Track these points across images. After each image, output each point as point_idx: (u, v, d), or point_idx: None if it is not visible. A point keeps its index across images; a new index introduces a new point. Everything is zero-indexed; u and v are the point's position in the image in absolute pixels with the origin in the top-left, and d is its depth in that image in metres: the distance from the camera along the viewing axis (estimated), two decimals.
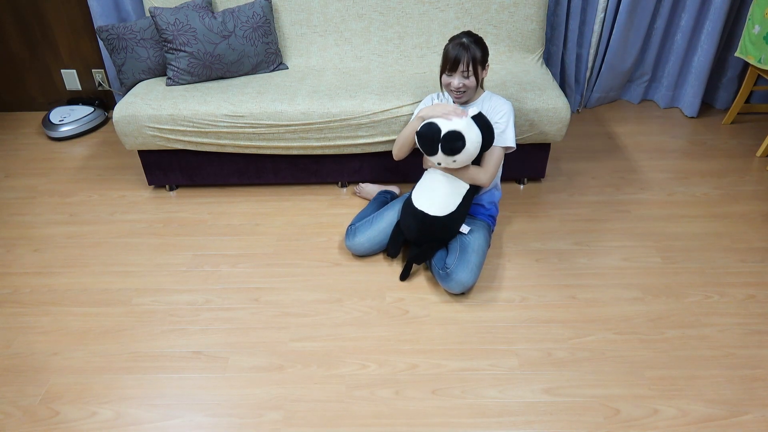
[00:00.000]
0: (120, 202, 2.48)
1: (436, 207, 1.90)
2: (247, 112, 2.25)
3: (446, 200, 1.90)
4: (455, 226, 1.94)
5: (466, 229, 1.98)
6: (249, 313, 1.90)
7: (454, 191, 1.91)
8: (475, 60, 1.86)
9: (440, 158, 1.83)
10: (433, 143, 1.81)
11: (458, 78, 1.89)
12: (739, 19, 2.89)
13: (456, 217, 1.92)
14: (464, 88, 1.91)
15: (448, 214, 1.90)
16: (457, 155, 1.80)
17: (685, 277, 2.02)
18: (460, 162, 1.84)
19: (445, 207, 1.90)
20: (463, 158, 1.82)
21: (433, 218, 1.90)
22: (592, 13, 2.89)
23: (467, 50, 1.85)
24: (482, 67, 1.91)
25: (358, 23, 2.59)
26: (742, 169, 2.63)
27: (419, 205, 1.92)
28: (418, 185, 1.99)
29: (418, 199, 1.94)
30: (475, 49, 1.86)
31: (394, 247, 2.04)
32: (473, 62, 1.86)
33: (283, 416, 1.56)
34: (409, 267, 1.99)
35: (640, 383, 1.63)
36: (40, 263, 2.14)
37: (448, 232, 1.95)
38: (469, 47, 1.85)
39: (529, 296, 1.94)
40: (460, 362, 1.71)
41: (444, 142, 1.78)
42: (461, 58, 1.85)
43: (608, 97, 3.24)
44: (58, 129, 2.98)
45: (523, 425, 1.53)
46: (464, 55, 1.85)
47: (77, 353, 1.76)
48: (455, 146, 1.78)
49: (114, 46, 2.43)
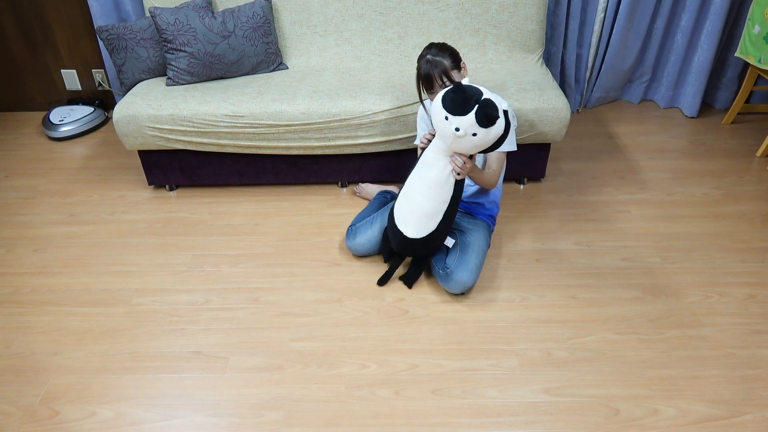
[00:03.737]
0: (120, 202, 2.48)
1: (412, 229, 1.84)
2: (247, 112, 2.25)
3: (425, 221, 1.83)
4: (436, 244, 1.90)
5: (450, 242, 1.94)
6: (249, 313, 1.90)
7: (433, 211, 1.81)
8: (446, 70, 1.85)
9: (465, 123, 1.58)
10: (467, 102, 1.58)
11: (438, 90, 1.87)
12: (739, 19, 2.89)
13: (436, 236, 1.86)
14: None
15: (427, 235, 1.85)
16: (484, 129, 1.59)
17: (685, 277, 2.02)
18: (476, 141, 1.63)
19: (424, 228, 1.83)
20: (482, 137, 1.61)
21: (411, 240, 1.86)
22: (592, 13, 2.89)
23: (435, 66, 1.84)
24: (457, 71, 1.88)
25: (358, 23, 2.59)
26: (742, 169, 2.63)
27: (398, 224, 1.88)
28: (402, 195, 1.88)
29: (398, 216, 1.88)
30: (441, 60, 1.85)
31: (387, 252, 2.02)
32: (445, 74, 1.85)
33: (283, 416, 1.56)
34: (390, 275, 1.98)
35: (640, 383, 1.63)
36: (40, 263, 2.14)
37: (430, 249, 1.91)
38: (435, 62, 1.85)
39: (529, 296, 1.94)
40: (460, 362, 1.71)
41: (483, 105, 1.57)
42: (432, 74, 1.85)
43: (608, 97, 3.24)
44: (58, 129, 2.98)
45: (523, 425, 1.53)
46: (434, 71, 1.84)
47: (77, 353, 1.76)
48: (492, 114, 1.57)
49: (114, 46, 2.43)
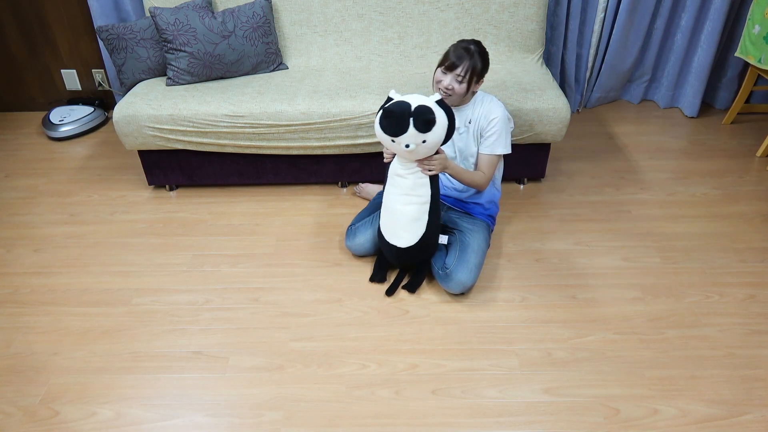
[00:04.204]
0: (120, 202, 2.48)
1: (404, 239, 1.85)
2: (247, 112, 2.25)
3: (412, 226, 1.83)
4: (431, 244, 1.90)
5: (444, 239, 1.95)
6: (249, 313, 1.90)
7: (418, 214, 1.82)
8: (474, 69, 1.83)
9: (410, 138, 1.64)
10: (402, 118, 1.62)
11: (451, 79, 1.85)
12: (739, 19, 2.89)
13: (428, 236, 1.86)
14: (452, 91, 1.87)
15: (420, 239, 1.85)
16: (428, 133, 1.64)
17: (685, 277, 2.02)
18: (429, 145, 1.68)
19: (414, 234, 1.84)
20: (433, 140, 1.66)
21: (405, 249, 1.86)
22: (592, 13, 2.89)
23: (470, 57, 1.82)
24: (478, 79, 1.87)
25: (358, 23, 2.59)
26: (742, 169, 2.63)
27: (389, 239, 1.88)
28: (382, 213, 1.90)
29: (386, 232, 1.89)
30: (478, 59, 1.83)
31: (379, 274, 2.01)
32: (471, 71, 1.83)
33: (283, 416, 1.56)
34: (397, 285, 1.97)
35: (640, 383, 1.63)
36: (40, 263, 2.14)
37: (426, 252, 1.91)
38: (473, 55, 1.82)
39: (529, 296, 1.94)
40: (460, 362, 1.71)
41: (417, 115, 1.62)
42: (461, 62, 1.82)
43: (608, 97, 3.24)
44: (58, 129, 2.98)
45: (523, 425, 1.53)
46: (466, 61, 1.82)
47: (77, 353, 1.76)
48: (429, 119, 1.62)
49: (114, 46, 2.43)
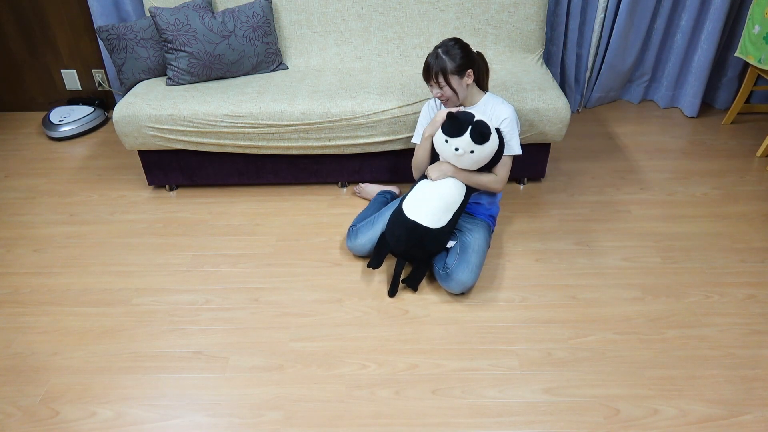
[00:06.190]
0: (120, 202, 2.48)
1: (429, 218, 1.87)
2: (247, 112, 2.25)
3: (440, 213, 1.88)
4: (444, 239, 1.92)
5: (451, 243, 1.96)
6: (249, 313, 1.90)
7: (448, 206, 1.89)
8: (444, 71, 1.82)
9: (463, 143, 1.81)
10: (462, 125, 1.80)
11: (435, 88, 1.88)
12: (739, 19, 2.89)
13: (447, 230, 1.90)
14: (443, 97, 1.88)
15: (441, 227, 1.88)
16: (479, 146, 1.81)
17: (685, 277, 2.02)
18: (475, 157, 1.83)
19: (439, 219, 1.88)
20: (480, 155, 1.84)
21: (426, 229, 1.87)
22: (592, 13, 2.89)
23: (435, 60, 1.82)
24: (458, 77, 1.86)
25: (358, 23, 2.59)
26: (742, 169, 2.63)
27: (412, 215, 1.89)
28: (411, 196, 1.94)
29: (411, 210, 1.90)
30: (444, 59, 1.82)
31: (377, 259, 1.99)
32: (442, 73, 1.82)
33: (283, 416, 1.56)
34: (397, 283, 1.96)
35: (640, 383, 1.63)
36: (40, 263, 2.14)
37: (437, 245, 1.92)
38: (437, 57, 1.82)
39: (529, 296, 1.95)
40: (460, 362, 1.71)
41: (476, 126, 1.79)
42: (430, 72, 1.84)
43: (608, 97, 3.24)
44: (58, 129, 2.98)
45: (523, 425, 1.53)
46: (432, 68, 1.83)
47: (77, 353, 1.76)
48: (485, 132, 1.79)
49: (114, 46, 2.43)
